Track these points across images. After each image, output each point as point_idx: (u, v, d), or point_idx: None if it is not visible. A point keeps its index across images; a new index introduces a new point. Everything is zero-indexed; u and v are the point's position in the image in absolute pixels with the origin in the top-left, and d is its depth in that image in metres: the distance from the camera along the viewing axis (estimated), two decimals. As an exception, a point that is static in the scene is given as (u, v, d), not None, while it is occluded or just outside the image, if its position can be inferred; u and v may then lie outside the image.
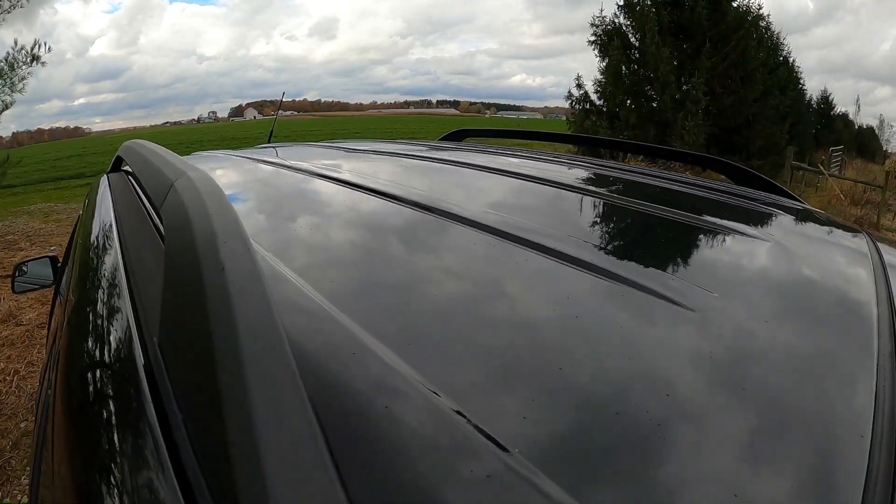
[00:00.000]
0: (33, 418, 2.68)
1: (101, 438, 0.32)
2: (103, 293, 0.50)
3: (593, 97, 10.47)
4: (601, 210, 0.79)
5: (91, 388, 0.38)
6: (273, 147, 1.50)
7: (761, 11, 11.80)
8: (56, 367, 0.46)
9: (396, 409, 0.29)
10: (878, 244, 0.78)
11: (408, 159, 1.12)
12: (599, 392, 0.33)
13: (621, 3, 10.31)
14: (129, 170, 0.99)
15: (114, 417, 0.33)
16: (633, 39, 10.19)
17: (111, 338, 0.42)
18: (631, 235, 0.70)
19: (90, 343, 0.44)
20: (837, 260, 0.69)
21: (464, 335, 0.39)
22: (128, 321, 0.40)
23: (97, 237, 0.68)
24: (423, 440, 0.27)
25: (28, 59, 7.37)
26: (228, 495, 0.21)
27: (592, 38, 10.45)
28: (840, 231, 0.86)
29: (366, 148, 1.34)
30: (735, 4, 10.86)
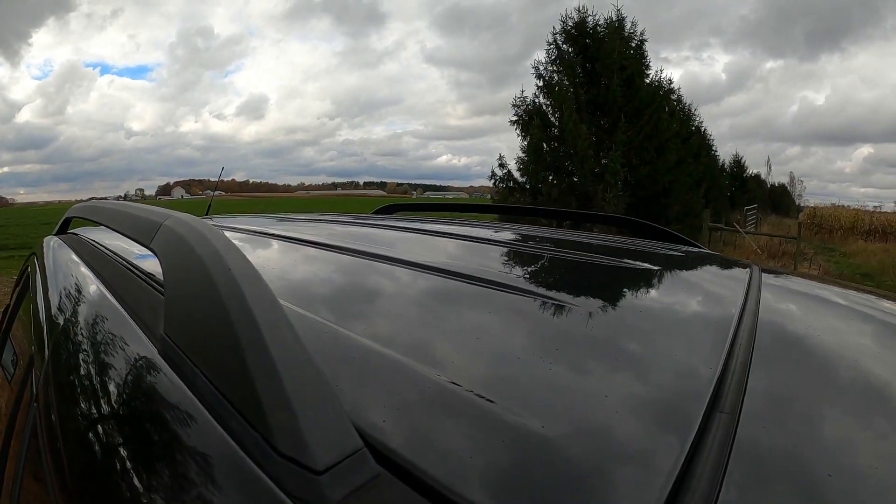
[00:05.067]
0: None
1: (145, 427, 0.38)
2: (107, 324, 0.55)
3: (516, 175, 10.88)
4: (514, 254, 1.02)
5: (115, 388, 0.43)
6: (216, 216, 1.62)
7: (672, 86, 12.83)
8: (49, 404, 0.49)
9: (360, 358, 0.43)
10: (762, 272, 0.91)
11: (353, 226, 1.31)
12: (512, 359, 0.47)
13: (541, 84, 10.97)
14: (88, 227, 1.17)
15: (149, 404, 0.39)
16: (552, 118, 10.78)
17: (124, 344, 0.48)
18: (538, 268, 0.91)
19: (96, 364, 0.49)
20: (711, 281, 0.88)
21: (405, 312, 0.60)
22: (141, 339, 0.46)
23: (72, 293, 0.73)
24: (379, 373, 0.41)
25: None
26: (253, 402, 0.30)
27: (514, 118, 11.00)
28: (726, 262, 1.06)
29: (307, 217, 1.53)
30: (647, 81, 11.70)
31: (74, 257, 0.88)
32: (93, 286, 0.68)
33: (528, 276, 0.83)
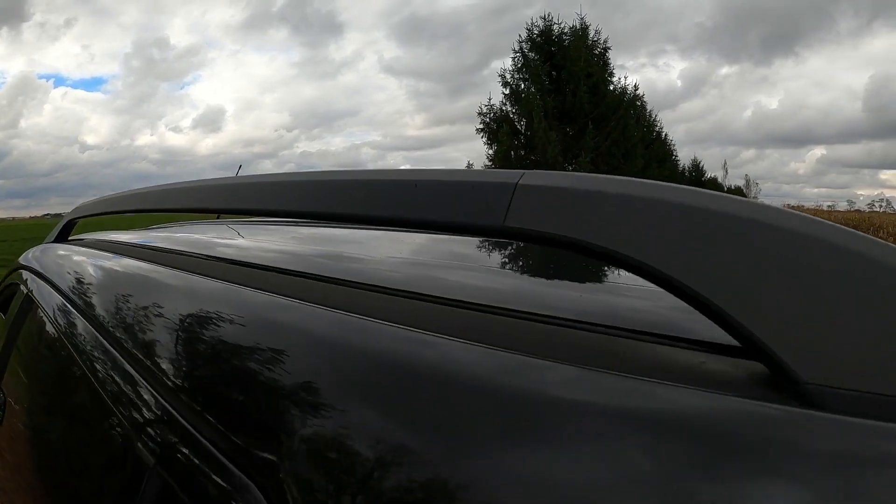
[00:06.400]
0: None
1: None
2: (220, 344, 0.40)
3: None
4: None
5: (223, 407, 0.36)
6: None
7: (637, 92, 12.96)
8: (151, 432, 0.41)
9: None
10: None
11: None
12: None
13: (507, 92, 10.91)
14: (89, 232, 1.02)
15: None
16: (519, 126, 10.70)
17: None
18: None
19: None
20: None
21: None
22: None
23: (127, 301, 0.56)
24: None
25: None
26: None
27: (481, 127, 10.90)
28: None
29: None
30: (612, 88, 11.77)
31: (116, 261, 0.67)
32: (168, 290, 0.50)
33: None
